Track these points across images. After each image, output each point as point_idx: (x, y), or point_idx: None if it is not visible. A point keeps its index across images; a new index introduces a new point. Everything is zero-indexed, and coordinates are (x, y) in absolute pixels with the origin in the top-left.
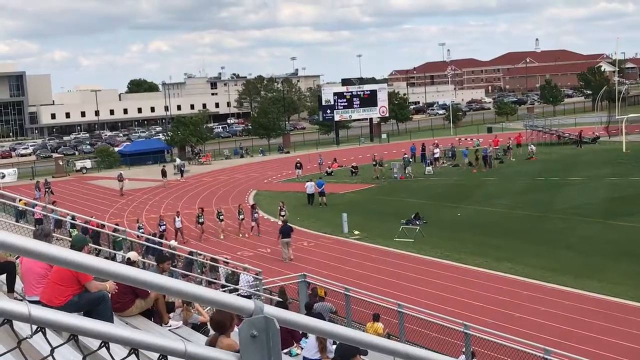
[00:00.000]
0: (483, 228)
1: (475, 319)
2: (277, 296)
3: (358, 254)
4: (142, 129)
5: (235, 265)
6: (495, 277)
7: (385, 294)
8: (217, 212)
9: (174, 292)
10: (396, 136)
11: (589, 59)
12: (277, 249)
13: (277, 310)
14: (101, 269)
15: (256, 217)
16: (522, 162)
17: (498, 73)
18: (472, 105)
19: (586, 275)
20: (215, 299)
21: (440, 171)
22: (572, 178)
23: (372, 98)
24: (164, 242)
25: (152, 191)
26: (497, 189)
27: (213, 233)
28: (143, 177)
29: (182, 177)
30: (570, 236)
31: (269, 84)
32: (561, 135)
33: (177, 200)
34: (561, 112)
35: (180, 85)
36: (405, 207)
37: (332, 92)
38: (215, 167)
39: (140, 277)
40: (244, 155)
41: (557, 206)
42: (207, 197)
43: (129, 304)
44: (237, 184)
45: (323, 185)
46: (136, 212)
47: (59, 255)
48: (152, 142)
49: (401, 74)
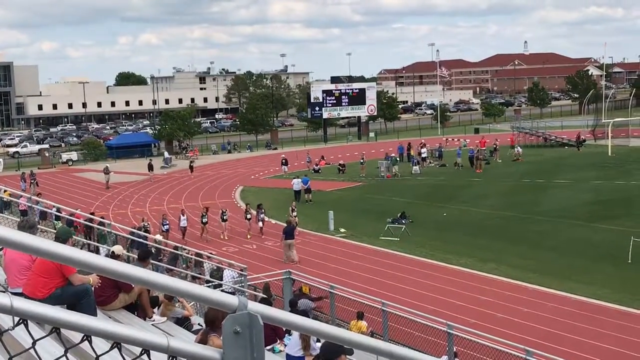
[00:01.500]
0: (468, 228)
1: (458, 318)
2: (262, 293)
3: (343, 251)
4: (130, 122)
5: (219, 261)
6: (479, 277)
7: (370, 292)
8: (221, 211)
9: (157, 286)
10: (384, 135)
11: (576, 62)
12: (263, 246)
13: (261, 306)
14: (85, 261)
15: (262, 218)
16: (508, 163)
17: (486, 74)
18: (460, 105)
19: (569, 277)
20: (199, 294)
21: (427, 171)
22: (557, 180)
23: (361, 96)
24: (149, 236)
25: (138, 185)
26: (483, 190)
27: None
28: (129, 170)
29: (168, 166)
30: (554, 238)
31: (258, 79)
32: (548, 137)
33: (163, 195)
34: (548, 114)
35: (168, 80)
36: (391, 206)
37: (321, 90)
38: (202, 162)
39: (124, 270)
40: (231, 150)
41: (543, 208)
42: (193, 192)
43: (113, 297)
44: (224, 180)
45: (308, 182)
46: (122, 205)
47: (42, 247)
48: (139, 135)
49: (390, 73)
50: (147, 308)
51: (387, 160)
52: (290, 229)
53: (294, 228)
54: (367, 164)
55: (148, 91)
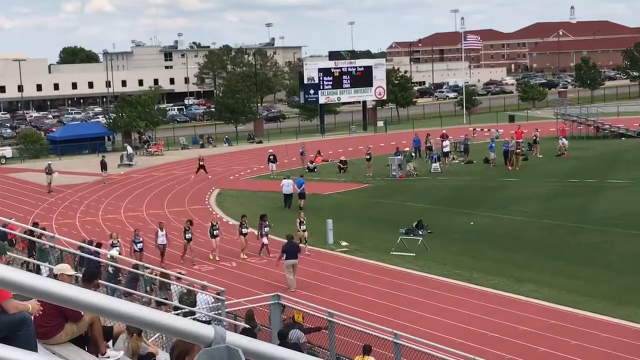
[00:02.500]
0: (501, 240)
1: (490, 353)
2: (244, 321)
3: (346, 270)
4: (78, 110)
5: (191, 283)
6: (515, 302)
7: (379, 320)
8: (211, 224)
9: (113, 314)
10: (395, 124)
11: (636, 32)
12: (243, 263)
13: (242, 338)
14: (22, 284)
15: (267, 232)
16: (551, 159)
17: (523, 48)
18: (491, 87)
19: (628, 302)
20: (166, 324)
21: (450, 169)
22: (612, 180)
23: (367, 76)
24: (102, 251)
25: (89, 188)
26: (519, 193)
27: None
28: (77, 170)
29: (131, 164)
30: (609, 252)
31: (238, 56)
32: (600, 127)
33: (120, 200)
34: (600, 97)
35: (126, 56)
36: (405, 213)
37: (316, 68)
38: (168, 159)
39: (72, 295)
40: (205, 144)
41: (594, 215)
42: (157, 196)
43: (57, 328)
44: (195, 181)
45: (303, 184)
46: (68, 213)
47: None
48: (90, 126)
49: (403, 47)
50: (100, 342)
51: (399, 156)
52: (292, 246)
53: (296, 245)
54: (374, 161)
55: (100, 70)
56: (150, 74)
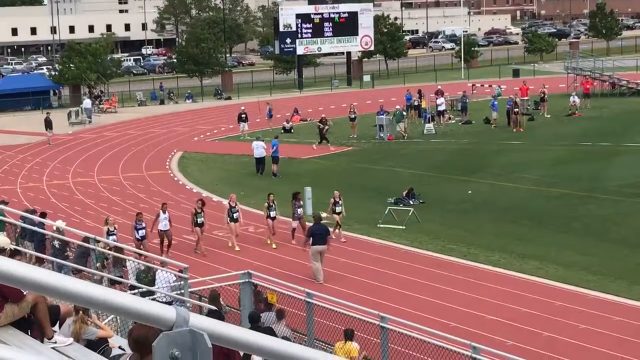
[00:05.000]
0: (503, 212)
1: (487, 337)
2: (209, 302)
3: None
4: (18, 60)
5: (149, 258)
6: (517, 281)
7: (363, 302)
8: (229, 206)
9: (60, 293)
10: (384, 79)
11: None
12: (210, 236)
13: (208, 321)
14: None
15: (300, 214)
16: (560, 119)
17: None
18: (493, 37)
19: None
20: (122, 305)
21: (446, 130)
22: (629, 144)
23: (352, 24)
24: (48, 222)
25: (32, 149)
26: (524, 157)
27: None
28: (18, 128)
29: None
30: (623, 225)
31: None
32: (617, 82)
33: (68, 164)
34: (618, 50)
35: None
36: (394, 180)
37: (294, 14)
38: (123, 117)
39: (12, 271)
40: (165, 100)
41: (608, 183)
42: (110, 159)
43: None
44: (154, 142)
45: (277, 145)
46: (7, 178)
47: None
48: (32, 78)
49: None
50: (46, 325)
51: (382, 115)
52: (320, 229)
53: (326, 229)
54: (359, 121)
55: (44, 14)
56: (102, 19)
